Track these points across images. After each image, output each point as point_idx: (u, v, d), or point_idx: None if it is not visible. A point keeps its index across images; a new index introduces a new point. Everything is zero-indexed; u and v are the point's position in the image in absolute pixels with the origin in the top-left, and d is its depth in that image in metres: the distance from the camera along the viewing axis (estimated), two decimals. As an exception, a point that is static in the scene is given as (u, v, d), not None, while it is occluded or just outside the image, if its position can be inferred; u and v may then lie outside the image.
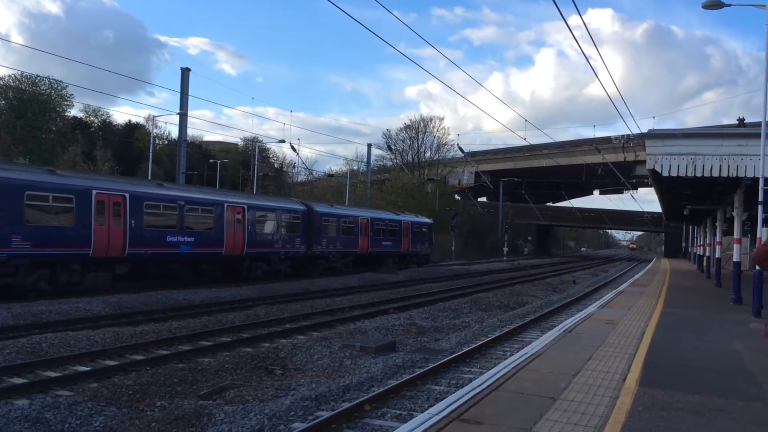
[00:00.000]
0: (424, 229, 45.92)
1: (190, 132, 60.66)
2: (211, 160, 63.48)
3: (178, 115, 33.37)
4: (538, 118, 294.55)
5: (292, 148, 50.81)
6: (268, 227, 29.37)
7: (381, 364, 12.08)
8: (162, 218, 23.30)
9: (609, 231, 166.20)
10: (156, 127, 60.29)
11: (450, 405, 6.02)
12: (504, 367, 8.03)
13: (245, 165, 68.38)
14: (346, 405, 9.16)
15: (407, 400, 9.70)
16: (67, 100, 59.34)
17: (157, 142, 68.81)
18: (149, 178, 39.54)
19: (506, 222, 75.33)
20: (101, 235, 20.51)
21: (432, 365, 12.00)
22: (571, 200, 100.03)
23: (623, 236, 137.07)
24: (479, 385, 6.95)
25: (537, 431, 5.36)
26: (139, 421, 8.16)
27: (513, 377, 7.47)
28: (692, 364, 9.03)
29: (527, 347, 10.10)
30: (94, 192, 20.50)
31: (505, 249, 64.91)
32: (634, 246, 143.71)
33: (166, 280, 24.46)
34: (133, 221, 21.59)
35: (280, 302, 21.04)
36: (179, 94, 32.75)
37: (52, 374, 10.43)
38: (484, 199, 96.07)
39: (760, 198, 16.38)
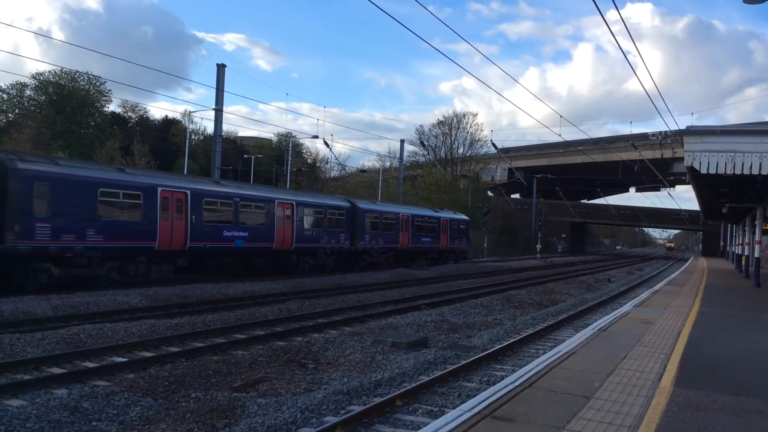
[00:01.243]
0: (461, 226, 46.64)
1: (225, 127, 61.16)
2: (245, 156, 63.97)
3: (213, 111, 33.72)
4: (575, 114, 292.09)
5: (326, 143, 51.01)
6: (315, 223, 30.42)
7: (412, 360, 12.10)
8: (219, 214, 24.61)
9: (645, 229, 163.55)
10: (192, 122, 60.98)
11: (483, 402, 5.99)
12: (537, 365, 7.97)
13: (279, 160, 68.79)
14: (377, 400, 9.20)
15: (439, 396, 9.70)
16: (105, 96, 60.48)
17: (193, 137, 69.69)
18: (185, 173, 40.10)
19: (539, 219, 74.69)
20: (165, 229, 21.86)
21: (464, 362, 11.98)
22: (606, 197, 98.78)
23: (659, 234, 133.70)
24: (512, 383, 6.91)
25: (570, 430, 5.30)
26: (175, 412, 8.29)
27: (546, 375, 7.40)
28: (729, 365, 8.86)
29: (560, 345, 10.01)
30: (159, 189, 21.79)
31: (538, 246, 64.35)
32: (672, 244, 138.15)
33: (221, 272, 25.70)
34: (193, 217, 22.91)
35: (312, 297, 21.18)
36: (215, 90, 33.10)
37: (90, 365, 10.65)
38: (517, 195, 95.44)
39: (801, 196, 16.00)
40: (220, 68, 33.00)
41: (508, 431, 5.15)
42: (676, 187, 74.70)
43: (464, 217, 48.55)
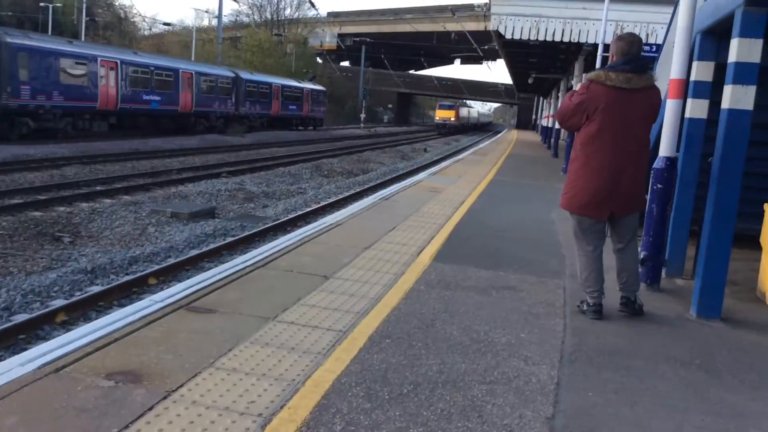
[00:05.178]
0: (321, 97, 53.52)
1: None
2: (42, 4, 56.59)
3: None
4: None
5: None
6: (209, 90, 36.05)
7: (187, 233, 11.08)
8: (139, 81, 29.85)
9: (469, 101, 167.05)
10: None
11: (188, 288, 4.94)
12: (289, 239, 7.07)
13: (89, 12, 61.55)
14: (128, 278, 8.17)
15: (204, 272, 8.81)
16: None
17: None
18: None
19: (366, 88, 74.03)
20: (104, 92, 27.15)
21: (246, 233, 11.15)
22: (432, 69, 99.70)
23: (481, 107, 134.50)
24: (245, 262, 5.99)
25: (283, 320, 4.34)
26: None
27: (294, 251, 6.51)
28: (501, 235, 8.58)
29: (328, 216, 9.30)
30: (99, 59, 26.90)
31: (362, 116, 64.06)
32: (452, 116, 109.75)
33: (139, 131, 30.40)
34: (122, 82, 28.27)
35: (99, 162, 19.27)
36: None
37: None
38: (347, 63, 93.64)
39: (598, 65, 16.18)
40: None
41: (198, 326, 4.12)
42: (498, 60, 76.40)
43: (322, 88, 55.39)
